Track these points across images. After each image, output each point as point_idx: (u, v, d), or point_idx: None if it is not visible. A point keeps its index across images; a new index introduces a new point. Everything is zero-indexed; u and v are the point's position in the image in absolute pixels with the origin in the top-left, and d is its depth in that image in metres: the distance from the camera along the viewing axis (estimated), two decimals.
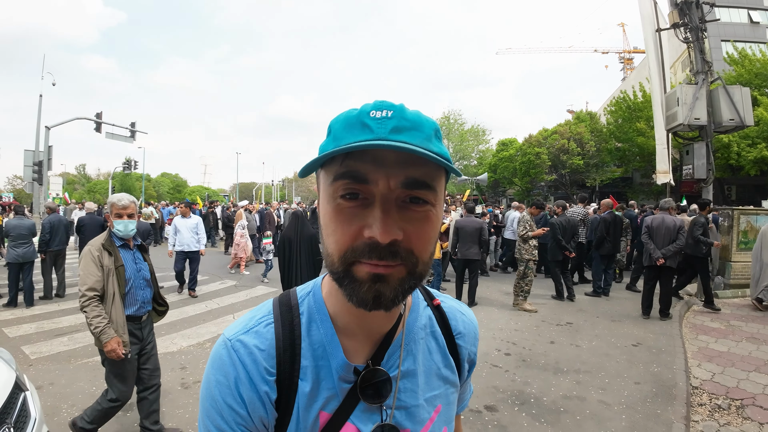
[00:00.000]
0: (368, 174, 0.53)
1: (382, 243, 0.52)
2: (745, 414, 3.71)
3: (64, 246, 7.84)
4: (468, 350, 0.78)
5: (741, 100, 8.26)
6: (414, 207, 0.55)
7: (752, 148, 19.91)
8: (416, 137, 0.54)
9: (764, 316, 6.85)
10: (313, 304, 0.68)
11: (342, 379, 0.63)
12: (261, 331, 0.65)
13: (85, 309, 2.79)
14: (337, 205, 0.55)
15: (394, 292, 0.55)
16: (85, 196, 49.05)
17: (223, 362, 0.63)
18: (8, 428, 1.87)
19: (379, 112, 0.54)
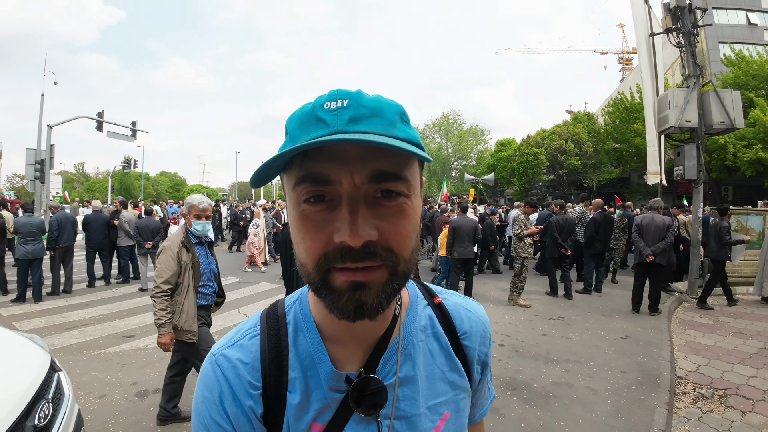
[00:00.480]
0: (329, 173, 0.49)
1: (354, 246, 0.48)
2: (728, 403, 3.89)
3: (71, 243, 8.04)
4: (477, 351, 0.72)
5: (731, 103, 8.47)
6: (386, 202, 0.51)
7: (748, 150, 20.13)
8: (377, 125, 0.50)
9: (752, 313, 7.06)
10: (300, 312, 0.66)
11: (333, 389, 0.60)
12: (245, 344, 0.64)
13: (155, 299, 3.06)
14: (302, 211, 0.52)
15: (377, 300, 0.52)
16: (84, 195, 49.07)
17: (207, 378, 0.62)
18: (47, 403, 2.07)
19: (334, 103, 0.51)
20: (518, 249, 7.51)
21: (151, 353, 4.93)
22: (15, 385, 2.00)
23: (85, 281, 8.62)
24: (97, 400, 3.76)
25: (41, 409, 1.98)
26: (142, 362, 4.66)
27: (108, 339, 5.43)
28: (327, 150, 0.49)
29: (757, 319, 6.64)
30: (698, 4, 9.11)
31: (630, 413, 3.61)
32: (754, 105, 20.44)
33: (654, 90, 9.15)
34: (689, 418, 3.64)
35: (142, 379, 4.21)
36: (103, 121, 17.59)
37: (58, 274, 7.84)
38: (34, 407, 1.97)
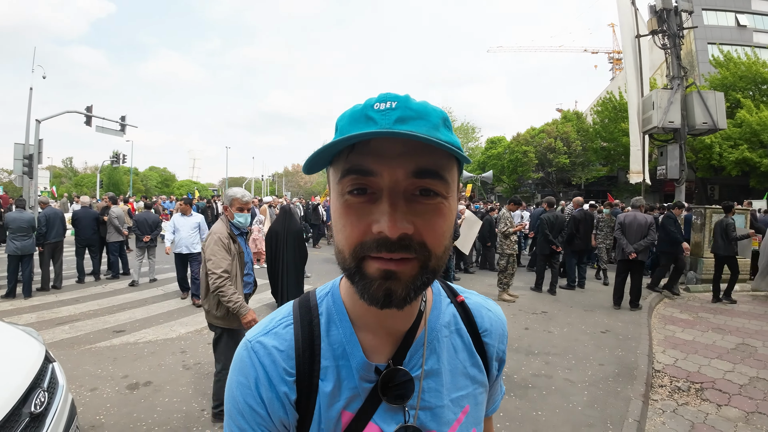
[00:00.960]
0: (373, 167, 0.53)
1: (391, 237, 0.51)
2: (704, 396, 4.00)
3: (61, 238, 8.03)
4: (496, 348, 0.76)
5: (714, 104, 8.68)
6: (424, 200, 0.54)
7: (734, 150, 20.43)
8: (422, 126, 0.53)
9: (732, 309, 7.23)
10: (332, 304, 0.68)
11: (363, 379, 0.63)
12: (280, 332, 0.66)
13: (221, 289, 3.16)
14: (345, 202, 0.55)
15: (405, 290, 0.54)
16: (72, 190, 48.52)
17: (243, 364, 0.64)
18: (43, 392, 2.16)
19: (383, 104, 0.54)
20: (504, 246, 7.64)
21: (142, 347, 5.00)
22: (12, 374, 2.09)
23: (75, 277, 8.62)
24: (89, 393, 3.83)
25: (37, 397, 2.06)
26: (133, 356, 4.72)
27: (99, 334, 5.47)
28: (373, 146, 0.53)
29: (736, 315, 6.80)
30: (684, 7, 9.30)
31: (606, 404, 3.75)
32: (741, 106, 20.77)
33: (639, 91, 9.35)
34: (664, 410, 3.76)
35: (133, 373, 4.27)
36: (91, 115, 17.44)
37: (48, 270, 7.83)
38: (31, 395, 2.05)
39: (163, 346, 5.06)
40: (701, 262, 9.14)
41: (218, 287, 3.16)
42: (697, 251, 9.29)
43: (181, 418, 3.42)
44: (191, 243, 7.21)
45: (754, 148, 20.07)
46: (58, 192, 31.17)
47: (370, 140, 0.52)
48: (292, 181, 67.56)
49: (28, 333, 2.64)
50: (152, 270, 8.90)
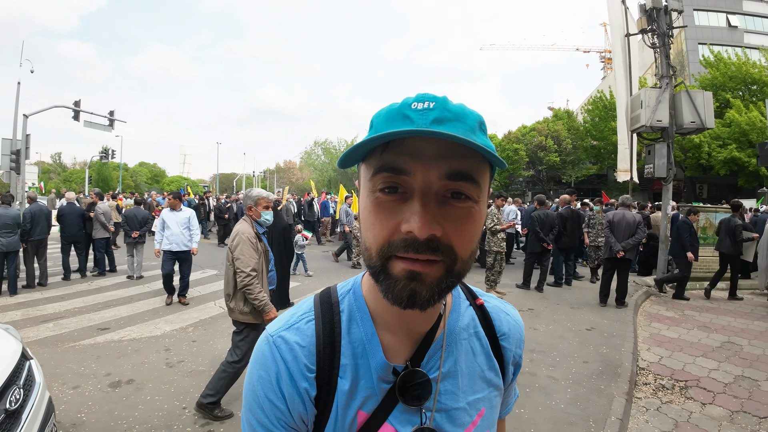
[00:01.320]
0: (407, 166, 0.52)
1: (420, 238, 0.51)
2: (688, 394, 4.01)
3: (45, 235, 7.93)
4: (513, 352, 0.76)
5: (703, 103, 8.74)
6: (455, 202, 0.54)
7: (723, 149, 20.69)
8: (458, 128, 0.52)
9: (718, 307, 7.29)
10: (354, 302, 0.68)
11: (381, 379, 0.63)
12: (302, 327, 0.66)
13: (249, 287, 3.33)
14: (376, 199, 0.55)
15: (429, 292, 0.54)
16: (61, 186, 48.01)
17: (265, 358, 0.64)
18: (18, 389, 2.13)
19: (421, 104, 0.53)
20: (491, 243, 7.62)
21: (126, 345, 4.96)
22: None
23: (61, 274, 8.54)
24: (71, 390, 3.79)
25: (12, 394, 2.04)
26: (116, 354, 4.68)
27: (83, 331, 5.42)
28: (408, 145, 0.52)
29: (722, 314, 6.86)
30: (674, 6, 9.35)
31: (589, 402, 3.77)
32: (731, 106, 21.03)
33: (627, 90, 9.41)
34: (648, 408, 3.77)
35: (116, 370, 4.24)
36: (79, 110, 17.23)
37: (32, 267, 7.74)
38: (6, 392, 2.03)
39: (147, 344, 5.03)
40: None
41: (246, 285, 3.31)
42: None
43: (162, 416, 3.40)
44: (182, 240, 6.83)
45: (743, 148, 20.33)
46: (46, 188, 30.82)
47: (405, 139, 0.52)
48: (284, 177, 67.25)
49: (5, 330, 2.60)
50: (139, 267, 8.84)
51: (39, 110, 15.91)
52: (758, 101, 20.56)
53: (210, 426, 3.29)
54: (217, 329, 5.61)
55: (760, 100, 19.92)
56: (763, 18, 30.27)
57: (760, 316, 6.78)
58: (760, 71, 21.53)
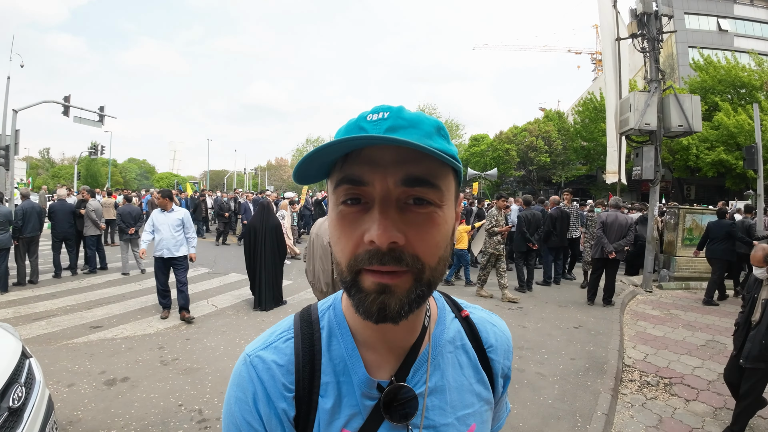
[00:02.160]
0: (365, 176, 0.52)
1: (381, 246, 0.51)
2: (673, 391, 4.13)
3: (37, 233, 7.89)
4: (501, 364, 0.74)
5: (691, 107, 8.88)
6: (416, 208, 0.53)
7: (710, 151, 20.98)
8: (413, 134, 0.53)
9: (703, 307, 7.43)
10: (334, 318, 0.66)
11: (365, 396, 0.61)
12: (280, 346, 0.64)
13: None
14: (340, 212, 0.55)
15: (399, 304, 0.53)
16: (49, 182, 47.41)
17: (242, 378, 0.63)
18: (20, 387, 2.17)
19: (376, 115, 0.54)
20: (487, 244, 7.64)
21: (119, 343, 4.98)
22: None
23: (52, 271, 8.49)
24: (66, 388, 3.81)
25: (15, 392, 2.08)
26: (110, 352, 4.70)
27: (76, 329, 5.42)
28: (365, 155, 0.52)
29: (706, 313, 7.01)
30: (665, 11, 9.47)
31: (575, 397, 3.88)
32: (719, 109, 21.34)
33: (617, 93, 9.55)
34: (633, 404, 3.89)
35: (111, 368, 4.26)
36: (69, 105, 17.08)
37: (24, 264, 7.70)
38: (8, 390, 2.07)
39: (140, 342, 5.05)
40: (674, 260, 9.41)
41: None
42: (671, 250, 9.57)
43: (158, 414, 3.44)
44: (175, 244, 6.02)
45: (731, 150, 20.64)
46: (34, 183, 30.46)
47: (363, 150, 0.52)
48: (275, 175, 67.04)
49: (4, 328, 2.64)
50: (140, 262, 8.99)
51: (29, 105, 15.73)
52: (746, 104, 20.86)
53: (206, 423, 3.34)
54: (210, 327, 5.65)
55: (749, 103, 20.19)
56: (753, 22, 30.67)
57: None
58: (749, 75, 21.85)
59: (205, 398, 3.71)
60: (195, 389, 3.86)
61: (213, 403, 3.62)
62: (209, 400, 3.68)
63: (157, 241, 5.97)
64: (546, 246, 8.79)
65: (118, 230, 9.10)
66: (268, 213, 6.70)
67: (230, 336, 5.32)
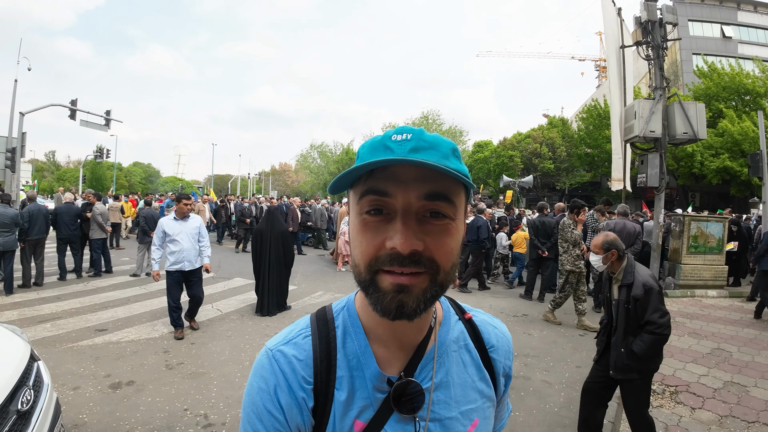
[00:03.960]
0: (389, 189, 0.58)
1: (403, 253, 0.56)
2: (678, 399, 4.07)
3: (43, 235, 7.93)
4: (502, 363, 0.80)
5: (695, 114, 8.87)
6: (433, 221, 0.59)
7: (715, 158, 20.88)
8: (433, 155, 0.59)
9: (708, 315, 7.38)
10: (348, 317, 0.72)
11: (376, 389, 0.66)
12: (299, 342, 0.70)
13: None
14: (363, 220, 0.60)
15: (416, 302, 0.58)
16: (54, 185, 47.67)
17: (264, 370, 0.68)
18: (29, 389, 2.18)
19: (400, 136, 0.60)
20: (563, 261, 6.57)
21: (124, 347, 4.99)
22: (0, 372, 2.11)
23: (56, 274, 8.52)
24: (71, 391, 3.82)
25: (24, 395, 2.09)
26: (115, 355, 4.70)
27: (81, 332, 5.43)
28: (390, 171, 0.58)
29: (712, 321, 6.95)
30: (669, 19, 9.49)
31: None
32: (723, 116, 21.26)
33: (621, 100, 9.55)
34: None
35: (116, 372, 4.27)
36: (76, 109, 17.19)
37: (29, 266, 7.73)
38: (18, 393, 2.07)
39: (145, 346, 5.06)
40: (679, 268, 9.37)
41: None
42: (676, 257, 9.53)
43: (164, 418, 3.44)
44: (195, 255, 5.57)
45: (735, 157, 20.55)
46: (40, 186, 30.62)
47: (388, 167, 0.58)
48: (279, 180, 67.12)
49: (12, 331, 2.65)
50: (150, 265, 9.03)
51: (36, 108, 15.87)
52: (751, 111, 20.76)
53: (212, 428, 3.33)
54: (215, 332, 5.66)
55: (753, 110, 20.12)
56: (757, 29, 30.61)
57: (750, 323, 6.89)
58: (753, 81, 21.76)
59: (210, 403, 3.71)
60: (200, 394, 3.86)
61: (218, 408, 3.62)
62: (215, 405, 3.67)
63: (176, 253, 5.43)
64: (552, 254, 8.72)
65: (141, 232, 9.18)
66: (275, 218, 6.69)
67: (235, 341, 5.32)
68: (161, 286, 7.93)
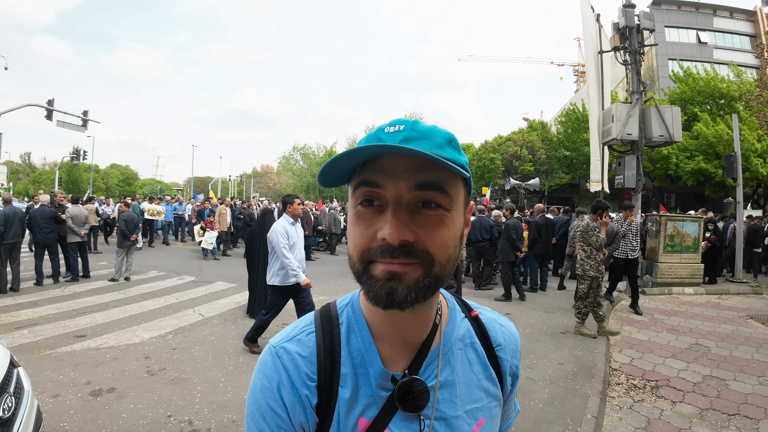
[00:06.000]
0: (379, 180, 0.57)
1: (393, 244, 0.55)
2: (659, 393, 4.20)
3: (19, 239, 7.74)
4: (509, 362, 0.78)
5: (671, 118, 9.14)
6: (426, 211, 0.58)
7: (690, 160, 21.43)
8: (425, 145, 0.57)
9: (686, 311, 7.59)
10: (352, 314, 0.70)
11: (380, 387, 0.65)
12: (303, 339, 0.69)
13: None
14: (357, 212, 0.61)
15: (407, 290, 0.57)
16: (30, 187, 46.42)
17: (267, 367, 0.67)
18: (9, 396, 2.13)
19: (393, 127, 0.59)
20: (586, 265, 6.10)
21: (104, 353, 4.88)
22: None
23: (33, 279, 8.31)
24: (51, 399, 3.72)
25: (5, 402, 2.04)
26: (94, 362, 4.60)
27: (59, 339, 5.30)
28: (380, 162, 0.58)
29: (689, 317, 7.15)
30: (646, 25, 9.74)
31: (565, 401, 3.93)
32: (698, 119, 21.86)
33: (600, 104, 9.78)
34: (621, 407, 3.94)
35: (96, 379, 4.18)
36: (53, 109, 16.84)
37: (5, 271, 7.53)
38: None
39: (125, 352, 4.95)
40: (656, 266, 9.59)
41: None
42: (653, 256, 9.75)
43: (147, 425, 3.38)
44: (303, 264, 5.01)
45: (710, 159, 21.12)
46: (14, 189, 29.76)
47: (379, 158, 0.58)
48: (261, 182, 66.58)
49: None
50: (129, 268, 8.97)
51: (11, 108, 15.51)
52: (725, 115, 21.41)
53: None
54: (197, 336, 5.57)
55: (728, 113, 20.72)
56: (732, 34, 31.52)
57: (726, 319, 7.10)
58: (728, 86, 22.43)
59: (194, 408, 3.65)
60: (184, 400, 3.80)
61: (203, 414, 3.57)
62: (199, 411, 3.62)
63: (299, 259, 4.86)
64: (531, 253, 8.90)
65: (121, 235, 8.92)
66: (269, 220, 6.67)
67: (218, 345, 5.25)
68: (140, 291, 7.91)
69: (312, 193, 38.95)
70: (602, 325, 6.03)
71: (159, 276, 9.57)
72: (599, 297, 6.12)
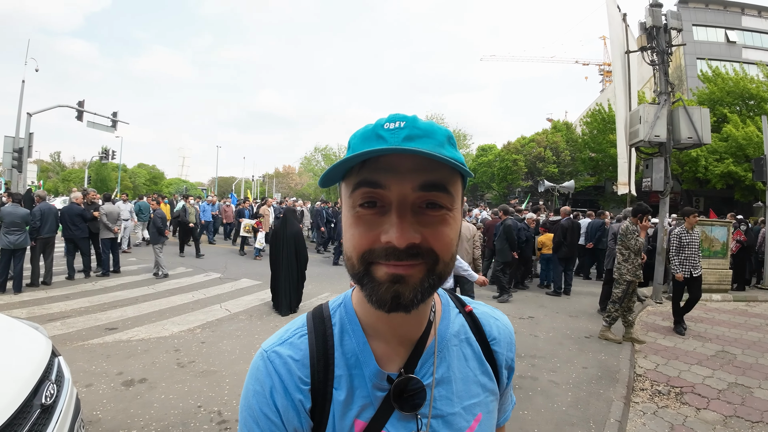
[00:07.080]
0: (383, 180, 0.55)
1: (399, 247, 0.54)
2: (684, 400, 4.13)
3: (53, 234, 8.01)
4: (505, 356, 0.77)
5: (700, 119, 8.90)
6: (430, 212, 0.57)
7: (719, 163, 20.82)
8: (428, 144, 0.56)
9: (713, 318, 7.40)
10: (345, 314, 0.69)
11: (376, 387, 0.64)
12: (295, 342, 0.67)
13: None
14: (356, 213, 0.58)
15: (413, 292, 0.56)
16: (59, 185, 47.90)
17: (259, 372, 0.66)
18: (51, 384, 2.23)
19: (392, 124, 0.57)
20: (623, 269, 5.91)
21: (135, 345, 5.04)
22: (23, 366, 2.16)
23: (65, 273, 8.60)
24: (84, 389, 3.86)
25: (47, 389, 2.13)
26: (125, 354, 4.76)
27: (91, 331, 5.49)
28: (383, 161, 0.56)
29: (716, 324, 6.99)
30: (674, 25, 9.51)
31: (588, 404, 3.90)
32: (728, 121, 21.23)
33: (626, 105, 9.59)
34: (645, 412, 3.89)
35: (128, 370, 4.32)
36: (83, 110, 17.35)
37: (38, 265, 7.80)
38: (41, 387, 2.12)
39: (156, 345, 5.11)
40: None
41: None
42: None
43: (177, 414, 3.49)
44: None
45: (739, 162, 20.49)
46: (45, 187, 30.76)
47: (380, 156, 0.56)
48: (283, 182, 67.27)
49: (33, 327, 2.70)
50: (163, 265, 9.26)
51: (44, 109, 16.03)
52: (755, 116, 20.71)
53: (226, 424, 3.38)
54: (225, 331, 5.71)
55: (757, 115, 20.08)
56: (761, 33, 30.55)
57: (753, 326, 6.92)
58: (757, 86, 21.73)
59: (223, 400, 3.76)
60: (213, 391, 3.91)
61: (231, 405, 3.67)
62: (228, 402, 3.72)
63: None
64: (557, 256, 8.82)
65: (156, 232, 9.15)
66: (290, 220, 6.82)
67: (245, 340, 5.38)
68: (168, 287, 8.12)
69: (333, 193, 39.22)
70: (629, 330, 5.93)
71: (186, 272, 9.82)
72: (632, 302, 5.98)
